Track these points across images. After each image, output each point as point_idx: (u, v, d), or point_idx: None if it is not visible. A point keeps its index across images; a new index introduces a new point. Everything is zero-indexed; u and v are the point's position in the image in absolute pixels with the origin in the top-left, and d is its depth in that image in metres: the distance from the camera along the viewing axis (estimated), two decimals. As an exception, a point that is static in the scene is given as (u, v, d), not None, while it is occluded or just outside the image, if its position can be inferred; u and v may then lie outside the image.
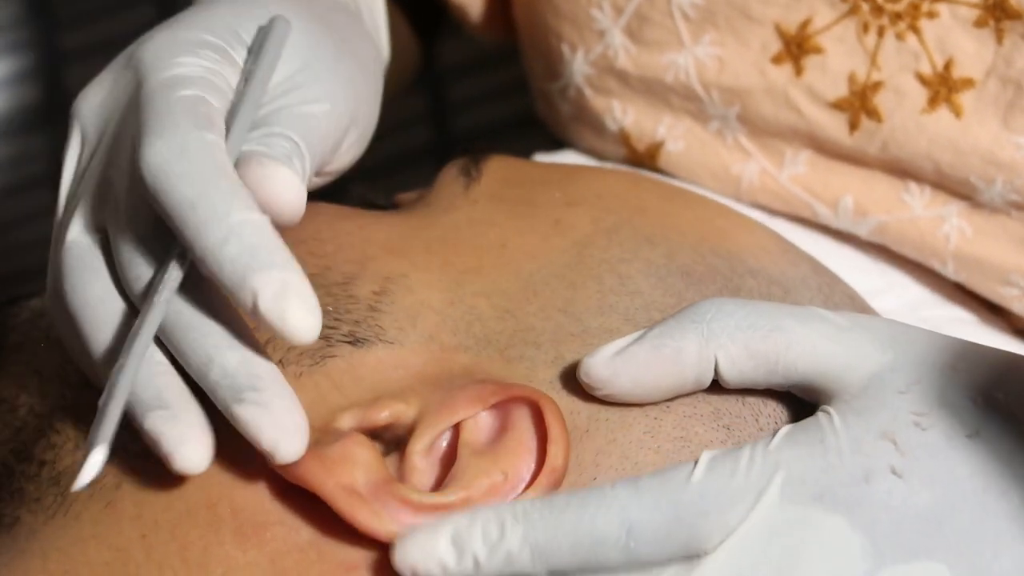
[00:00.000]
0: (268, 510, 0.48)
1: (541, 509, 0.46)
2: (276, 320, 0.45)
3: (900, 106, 0.60)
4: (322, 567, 0.47)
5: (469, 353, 0.52)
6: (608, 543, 0.45)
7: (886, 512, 0.45)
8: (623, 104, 0.66)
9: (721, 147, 0.65)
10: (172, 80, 0.50)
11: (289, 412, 0.47)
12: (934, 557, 0.44)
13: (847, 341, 0.49)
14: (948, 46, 0.59)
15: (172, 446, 0.46)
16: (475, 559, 0.45)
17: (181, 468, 0.46)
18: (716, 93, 0.64)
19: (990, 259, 0.62)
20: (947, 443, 0.46)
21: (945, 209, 0.62)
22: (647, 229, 0.57)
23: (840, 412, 0.47)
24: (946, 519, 0.45)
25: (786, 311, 0.49)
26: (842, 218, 0.64)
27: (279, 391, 0.47)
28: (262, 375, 0.47)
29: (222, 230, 0.46)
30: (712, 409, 0.51)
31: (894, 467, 0.45)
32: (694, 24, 0.63)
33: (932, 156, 0.60)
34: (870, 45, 0.60)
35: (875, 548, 0.44)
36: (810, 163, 0.64)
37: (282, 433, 0.46)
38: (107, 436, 0.45)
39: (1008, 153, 0.59)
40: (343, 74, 0.55)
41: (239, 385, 0.47)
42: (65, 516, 0.50)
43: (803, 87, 0.62)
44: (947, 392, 0.47)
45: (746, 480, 0.45)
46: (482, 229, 0.57)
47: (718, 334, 0.49)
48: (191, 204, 0.46)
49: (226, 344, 0.47)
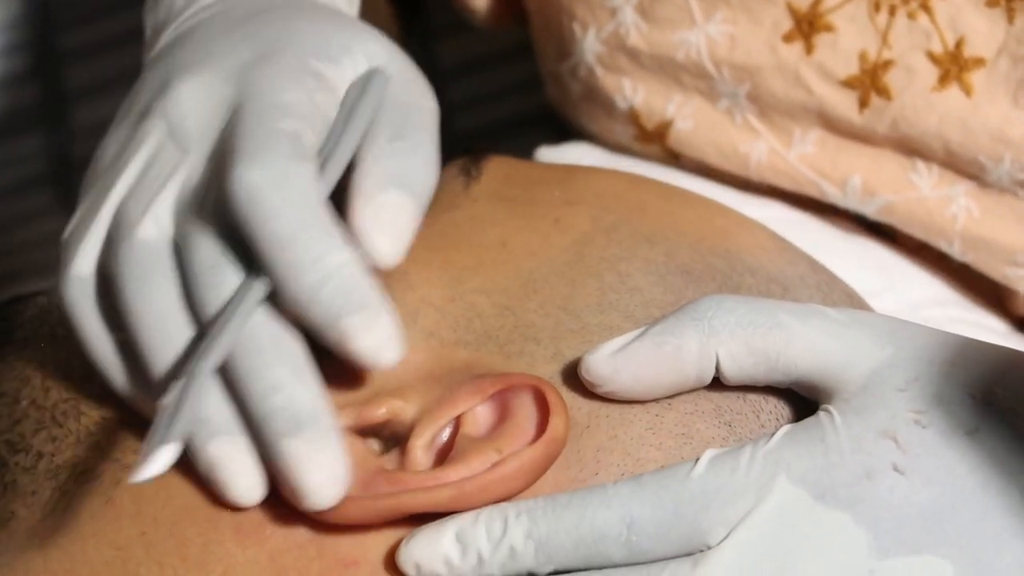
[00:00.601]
0: (267, 507, 0.48)
1: (544, 506, 0.46)
2: (370, 361, 0.46)
3: (910, 84, 0.61)
4: (321, 563, 0.47)
5: (469, 349, 0.52)
6: (610, 538, 0.45)
7: (888, 509, 0.45)
8: (633, 83, 0.67)
9: (730, 126, 0.66)
10: (275, 107, 0.49)
11: (340, 460, 0.46)
12: (937, 552, 0.44)
13: (846, 337, 0.49)
14: (960, 25, 0.60)
15: (232, 477, 0.46)
16: (479, 555, 0.46)
17: (238, 499, 0.47)
18: (727, 71, 0.64)
19: (997, 239, 0.62)
20: (946, 440, 0.46)
21: (952, 189, 0.62)
22: (646, 228, 0.57)
23: (840, 411, 0.47)
24: (947, 516, 0.45)
25: (786, 308, 0.49)
26: (850, 197, 0.64)
27: (335, 437, 0.46)
28: (323, 416, 0.46)
29: (317, 273, 0.46)
30: (714, 406, 0.51)
31: (895, 464, 0.46)
32: (706, 2, 0.63)
33: (942, 134, 0.61)
34: (882, 24, 0.61)
35: (878, 544, 0.44)
36: (819, 142, 0.64)
37: (329, 478, 0.46)
38: (179, 434, 0.45)
39: (1018, 131, 0.59)
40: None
41: (300, 420, 0.46)
42: (64, 512, 0.49)
43: (814, 65, 0.62)
44: (945, 389, 0.47)
45: (747, 477, 0.46)
46: (482, 227, 0.57)
47: (719, 331, 0.49)
48: (286, 241, 0.46)
49: (296, 377, 0.47)
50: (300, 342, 0.48)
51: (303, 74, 0.51)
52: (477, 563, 0.46)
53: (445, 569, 0.46)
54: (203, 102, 0.51)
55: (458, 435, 0.49)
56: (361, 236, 0.47)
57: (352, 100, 0.51)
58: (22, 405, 0.54)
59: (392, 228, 0.48)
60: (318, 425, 0.46)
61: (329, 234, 0.46)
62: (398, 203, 0.48)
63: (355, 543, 0.47)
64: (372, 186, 0.48)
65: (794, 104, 0.63)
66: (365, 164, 0.49)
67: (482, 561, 0.46)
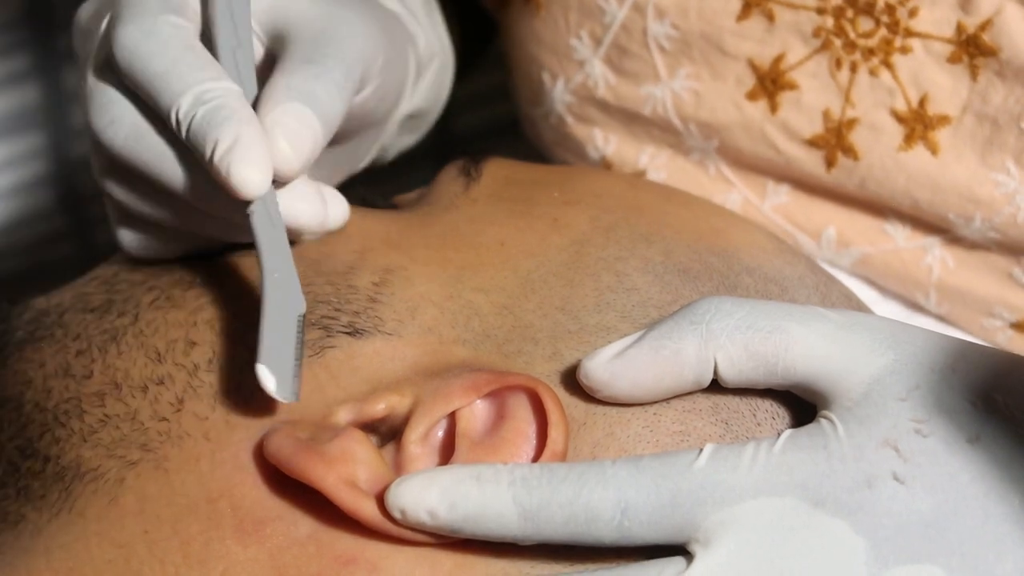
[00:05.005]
0: (268, 506, 0.48)
1: (540, 476, 0.46)
2: (222, 172, 0.49)
3: (876, 143, 0.60)
4: (321, 561, 0.48)
5: (467, 347, 0.52)
6: (602, 520, 0.45)
7: (888, 517, 0.45)
8: (605, 133, 0.66)
9: (703, 177, 0.65)
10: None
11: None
12: (936, 562, 0.44)
13: (846, 342, 0.48)
14: (922, 82, 0.58)
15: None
16: (464, 514, 0.46)
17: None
18: (694, 127, 0.63)
19: (973, 291, 0.61)
20: (948, 449, 0.46)
21: (927, 240, 0.61)
22: (644, 228, 0.57)
23: (843, 419, 0.47)
24: (948, 524, 0.45)
25: (786, 311, 0.49)
26: (825, 249, 0.63)
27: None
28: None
29: (189, 97, 0.50)
30: (711, 404, 0.50)
31: (896, 473, 0.45)
32: (670, 56, 0.62)
33: (910, 193, 0.60)
34: (843, 81, 0.60)
35: (877, 552, 0.44)
36: (792, 194, 0.63)
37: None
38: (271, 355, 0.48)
39: (986, 190, 0.58)
40: (364, 16, 0.56)
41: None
42: (69, 513, 0.50)
43: (778, 124, 0.61)
44: (946, 396, 0.47)
45: (748, 476, 0.46)
46: (481, 227, 0.57)
47: (717, 335, 0.49)
48: (159, 77, 0.51)
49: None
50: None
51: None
52: (462, 520, 0.46)
53: (429, 519, 0.46)
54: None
55: (457, 435, 0.49)
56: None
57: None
58: (26, 409, 0.55)
59: (291, 134, 0.51)
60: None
61: (202, 66, 0.51)
62: (300, 113, 0.51)
63: (354, 541, 0.48)
64: (276, 95, 0.51)
65: (762, 161, 0.63)
66: (273, 79, 0.52)
67: (467, 519, 0.46)
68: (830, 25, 0.59)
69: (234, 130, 0.49)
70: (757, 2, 0.60)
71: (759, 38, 0.60)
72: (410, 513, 0.46)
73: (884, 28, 0.58)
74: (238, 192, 0.49)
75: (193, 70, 0.51)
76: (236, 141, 0.49)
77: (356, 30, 0.54)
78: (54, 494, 0.51)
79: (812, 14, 0.59)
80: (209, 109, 0.50)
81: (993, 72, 0.57)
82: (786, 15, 0.60)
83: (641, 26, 0.62)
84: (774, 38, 0.60)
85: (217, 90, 0.50)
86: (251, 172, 0.49)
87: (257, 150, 0.49)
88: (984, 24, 0.56)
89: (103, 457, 0.51)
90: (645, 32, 0.62)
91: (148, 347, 0.53)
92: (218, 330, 0.53)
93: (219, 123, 0.49)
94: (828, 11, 0.59)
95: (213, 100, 0.50)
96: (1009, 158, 0.58)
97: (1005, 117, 0.57)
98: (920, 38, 0.58)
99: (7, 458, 0.54)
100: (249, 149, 0.49)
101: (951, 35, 0.57)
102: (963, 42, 0.57)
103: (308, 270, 0.54)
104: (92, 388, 0.53)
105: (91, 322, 0.55)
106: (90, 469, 0.51)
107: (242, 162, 0.49)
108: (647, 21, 0.62)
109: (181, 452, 0.50)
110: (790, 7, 0.60)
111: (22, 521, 0.51)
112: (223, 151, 0.49)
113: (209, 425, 0.50)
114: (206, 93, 0.50)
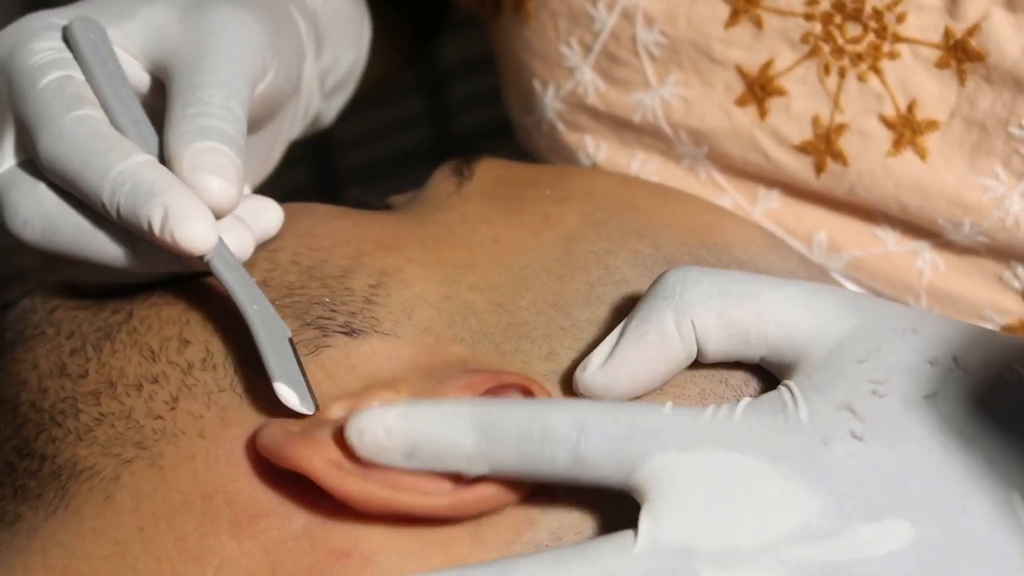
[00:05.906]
0: (262, 501, 0.49)
1: (500, 401, 0.46)
2: (168, 241, 0.50)
3: (865, 149, 0.60)
4: (315, 555, 0.48)
5: (465, 345, 0.52)
6: (558, 438, 0.45)
7: (849, 475, 0.44)
8: (596, 139, 0.66)
9: (695, 183, 0.65)
10: (35, 68, 0.54)
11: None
12: (901, 515, 0.44)
13: (814, 307, 0.48)
14: (911, 87, 0.58)
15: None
16: (421, 428, 0.46)
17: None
18: (684, 133, 0.63)
19: (964, 294, 0.61)
20: (904, 405, 0.46)
21: (918, 244, 0.61)
22: (635, 223, 0.57)
23: (801, 387, 0.47)
24: (911, 477, 0.44)
25: (755, 277, 0.49)
26: (816, 254, 0.63)
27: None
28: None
29: (108, 186, 0.50)
30: (699, 390, 0.51)
31: (853, 431, 0.45)
32: (659, 64, 0.62)
33: (899, 199, 0.60)
34: (832, 87, 0.60)
35: (840, 509, 0.44)
36: (782, 200, 0.63)
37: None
38: (281, 371, 0.49)
39: (975, 195, 0.58)
40: (236, 12, 0.56)
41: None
42: (65, 511, 0.51)
43: (768, 130, 0.61)
44: (905, 355, 0.47)
45: (707, 428, 0.45)
46: (474, 226, 0.57)
47: (691, 303, 0.48)
48: (78, 175, 0.51)
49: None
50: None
51: (44, 29, 0.56)
52: (417, 434, 0.46)
53: (385, 436, 0.46)
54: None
55: None
56: (191, 183, 0.51)
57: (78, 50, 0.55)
58: (22, 409, 0.55)
59: (214, 168, 0.51)
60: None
61: (109, 150, 0.51)
62: (210, 147, 0.52)
63: (347, 535, 0.48)
64: (179, 143, 0.52)
65: (752, 166, 0.63)
66: (168, 125, 0.53)
67: (422, 433, 0.46)
68: (818, 31, 0.59)
69: (160, 200, 0.50)
70: (745, 9, 0.60)
71: (747, 45, 0.61)
72: (368, 432, 0.46)
73: (872, 34, 0.58)
74: (193, 252, 0.50)
75: (102, 158, 0.51)
76: (167, 208, 0.50)
77: (230, 36, 0.55)
78: (50, 493, 0.51)
79: (800, 20, 0.59)
80: (129, 189, 0.50)
81: (981, 77, 0.57)
82: (774, 21, 0.60)
83: (630, 33, 0.63)
84: (762, 44, 0.60)
85: (128, 169, 0.51)
86: (196, 228, 0.50)
87: (190, 205, 0.50)
88: (972, 29, 0.56)
89: (99, 455, 0.51)
90: (634, 39, 0.62)
91: (142, 345, 0.53)
92: (211, 329, 0.53)
93: (143, 200, 0.50)
94: (816, 17, 0.59)
95: (128, 180, 0.50)
96: (997, 163, 0.58)
97: (993, 122, 0.57)
98: (908, 43, 0.58)
99: (4, 458, 0.54)
100: (183, 208, 0.50)
101: (939, 40, 0.57)
102: (951, 47, 0.57)
103: (304, 276, 0.54)
104: (87, 387, 0.53)
105: (84, 319, 0.56)
106: (86, 467, 0.51)
107: (185, 222, 0.49)
108: (636, 28, 0.62)
109: (176, 449, 0.50)
110: (778, 13, 0.60)
111: (19, 520, 0.52)
112: (159, 222, 0.50)
113: (204, 423, 0.50)
114: (119, 175, 0.51)
